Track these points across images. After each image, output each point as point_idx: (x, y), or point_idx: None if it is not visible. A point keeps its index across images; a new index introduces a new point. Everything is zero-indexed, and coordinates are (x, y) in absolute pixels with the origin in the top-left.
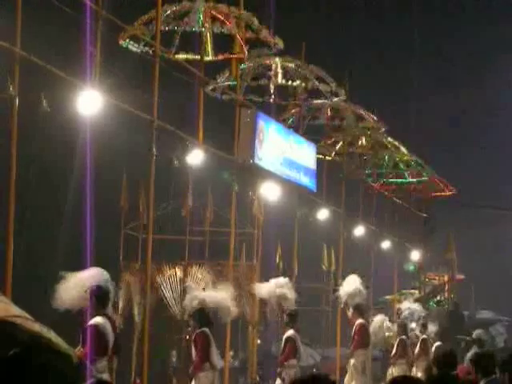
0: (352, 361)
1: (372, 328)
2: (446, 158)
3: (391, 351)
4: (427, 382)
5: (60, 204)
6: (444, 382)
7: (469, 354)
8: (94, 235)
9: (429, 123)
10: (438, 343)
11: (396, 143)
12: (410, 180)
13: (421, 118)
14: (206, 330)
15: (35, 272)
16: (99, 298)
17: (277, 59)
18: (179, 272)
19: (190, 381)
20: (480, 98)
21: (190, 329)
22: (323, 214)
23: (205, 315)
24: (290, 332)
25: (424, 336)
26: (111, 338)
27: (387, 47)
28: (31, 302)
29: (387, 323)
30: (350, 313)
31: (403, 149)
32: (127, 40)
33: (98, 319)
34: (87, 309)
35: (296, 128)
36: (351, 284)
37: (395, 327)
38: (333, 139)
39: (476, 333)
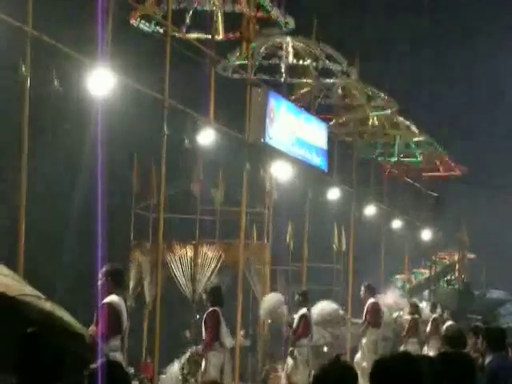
0: (364, 340)
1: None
2: (458, 137)
3: (402, 331)
4: (436, 361)
5: (71, 184)
6: (452, 360)
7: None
8: (105, 215)
9: (440, 103)
10: (449, 322)
11: (407, 123)
12: (421, 159)
13: (434, 95)
14: (217, 309)
15: (47, 250)
16: (114, 276)
17: (288, 38)
18: (190, 251)
19: (201, 360)
20: (493, 79)
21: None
22: (334, 194)
23: (219, 294)
24: (304, 310)
25: (435, 315)
26: (125, 317)
27: (400, 27)
28: (43, 280)
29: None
30: (362, 292)
31: (414, 128)
32: (138, 19)
33: (113, 297)
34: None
35: (307, 107)
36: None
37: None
38: (344, 118)
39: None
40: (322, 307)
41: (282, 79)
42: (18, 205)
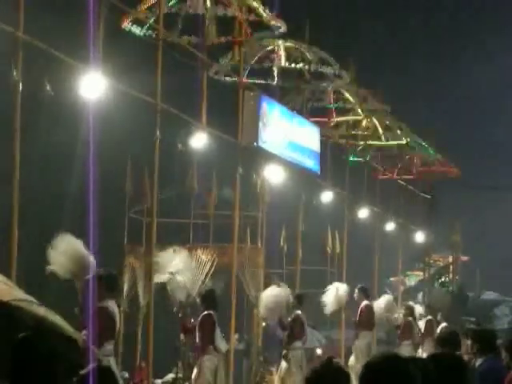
0: (357, 342)
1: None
2: (456, 137)
3: (396, 332)
4: (428, 362)
5: (64, 188)
6: (444, 361)
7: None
8: (98, 219)
9: (440, 103)
10: (443, 324)
11: (400, 125)
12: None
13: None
14: (212, 312)
15: (40, 255)
16: (107, 281)
17: (280, 42)
18: None
19: (195, 363)
20: (493, 78)
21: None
22: (327, 197)
23: (214, 298)
24: (298, 312)
25: (429, 317)
26: (118, 321)
27: (400, 27)
28: (35, 284)
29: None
30: (355, 294)
31: (408, 130)
32: (130, 23)
33: (106, 302)
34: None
35: (300, 110)
36: None
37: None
38: (336, 121)
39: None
40: (339, 294)
41: (275, 82)
42: (11, 210)
